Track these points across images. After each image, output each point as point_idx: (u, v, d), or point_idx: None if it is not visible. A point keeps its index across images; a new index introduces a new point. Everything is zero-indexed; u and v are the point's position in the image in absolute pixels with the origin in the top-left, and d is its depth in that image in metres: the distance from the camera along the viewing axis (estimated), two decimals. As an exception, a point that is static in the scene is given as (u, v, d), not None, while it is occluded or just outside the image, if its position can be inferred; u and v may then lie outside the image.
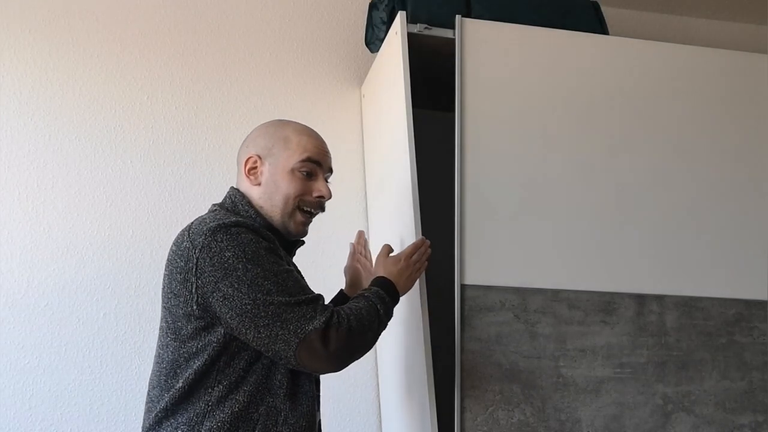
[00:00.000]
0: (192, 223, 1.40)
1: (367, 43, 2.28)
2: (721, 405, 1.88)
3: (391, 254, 1.61)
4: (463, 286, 1.78)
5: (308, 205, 1.49)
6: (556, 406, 1.78)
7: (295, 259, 1.55)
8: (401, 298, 1.62)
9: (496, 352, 1.77)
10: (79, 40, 2.21)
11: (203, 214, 1.48)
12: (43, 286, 2.04)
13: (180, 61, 2.27)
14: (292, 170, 1.47)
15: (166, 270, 1.39)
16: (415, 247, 1.61)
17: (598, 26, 2.18)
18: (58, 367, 2.01)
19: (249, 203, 1.46)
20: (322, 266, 2.20)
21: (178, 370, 1.34)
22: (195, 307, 1.32)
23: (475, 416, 1.72)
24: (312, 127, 1.55)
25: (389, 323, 1.48)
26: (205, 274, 1.31)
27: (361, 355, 1.39)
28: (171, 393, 1.33)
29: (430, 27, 1.95)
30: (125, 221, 2.13)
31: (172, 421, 1.32)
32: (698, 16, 2.82)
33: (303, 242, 1.57)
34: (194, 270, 1.32)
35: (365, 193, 2.30)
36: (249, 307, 1.29)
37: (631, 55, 2.06)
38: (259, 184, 1.47)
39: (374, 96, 2.24)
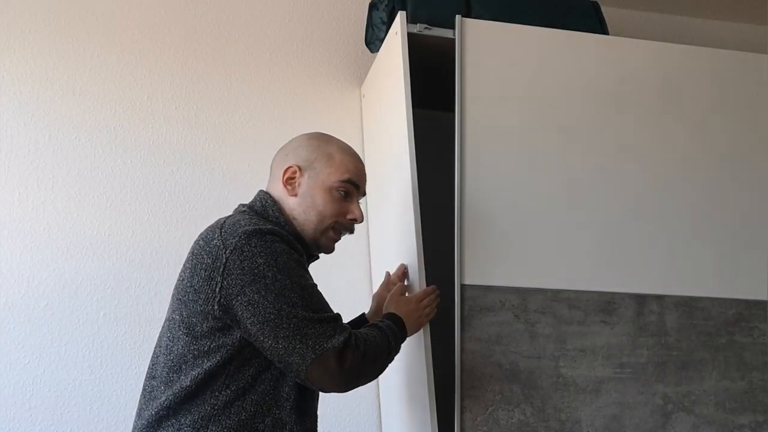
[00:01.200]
0: (224, 222, 1.40)
1: (367, 43, 2.28)
2: (721, 405, 1.88)
3: (404, 295, 1.64)
4: (463, 286, 1.78)
5: (340, 226, 1.51)
6: (556, 406, 1.78)
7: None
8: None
9: (496, 352, 1.77)
10: (79, 40, 2.21)
11: (231, 213, 1.48)
12: (43, 286, 2.04)
13: (180, 61, 2.27)
14: (331, 188, 1.48)
15: (188, 263, 1.39)
16: (426, 294, 1.63)
17: (598, 26, 2.18)
18: (58, 367, 2.01)
19: (280, 210, 1.47)
20: (321, 266, 2.20)
21: (184, 366, 1.33)
22: (216, 307, 1.31)
23: (475, 416, 1.72)
24: (313, 128, 1.55)
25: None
26: (233, 276, 1.31)
27: (367, 382, 1.41)
28: (174, 390, 1.32)
29: (430, 27, 1.95)
30: (125, 221, 2.13)
31: (174, 421, 1.31)
32: (698, 16, 2.82)
33: (318, 257, 1.58)
34: (222, 270, 1.31)
35: (365, 192, 2.30)
36: (272, 316, 1.29)
37: (631, 55, 2.06)
38: (296, 195, 1.48)
39: (374, 96, 2.24)
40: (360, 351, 1.34)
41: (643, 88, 2.04)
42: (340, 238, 1.54)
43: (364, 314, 1.73)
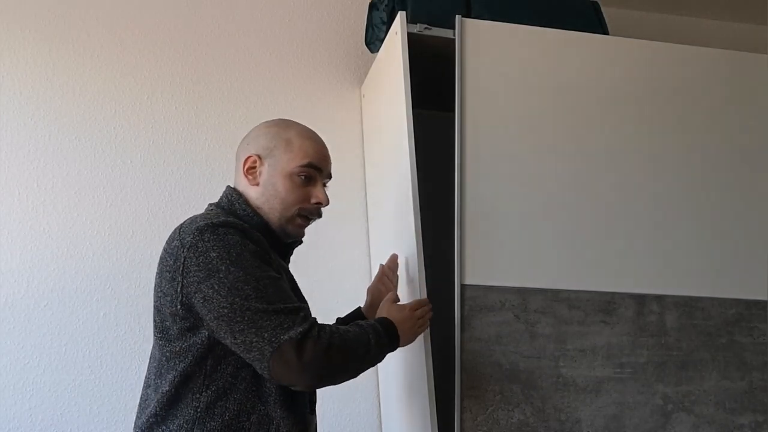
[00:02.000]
0: (184, 221, 1.39)
1: (367, 43, 2.28)
2: (721, 405, 1.88)
3: (392, 300, 1.56)
4: (463, 286, 1.78)
5: (306, 211, 1.48)
6: (556, 406, 1.78)
7: (293, 259, 1.55)
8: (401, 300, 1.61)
9: (496, 352, 1.77)
10: (79, 40, 2.21)
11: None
12: (43, 286, 2.04)
13: (180, 61, 2.27)
14: (291, 174, 1.45)
15: (157, 268, 1.39)
16: (419, 304, 1.57)
17: (598, 26, 2.18)
18: (58, 367, 2.01)
19: (246, 202, 1.45)
20: (321, 267, 2.20)
21: (163, 371, 1.33)
22: (179, 307, 1.30)
23: (475, 416, 1.72)
24: (313, 128, 1.54)
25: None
26: (190, 274, 1.29)
27: (341, 379, 1.35)
28: (159, 395, 1.32)
29: (430, 27, 1.95)
30: (125, 221, 2.13)
31: (164, 428, 1.30)
32: (698, 16, 2.82)
33: (301, 242, 1.55)
34: (181, 269, 1.30)
35: (365, 193, 2.30)
36: (226, 311, 1.26)
37: (631, 55, 2.06)
38: (258, 185, 1.46)
39: (374, 96, 2.24)
40: (322, 342, 1.28)
41: (643, 88, 2.04)
42: (308, 224, 1.50)
43: (359, 308, 1.72)
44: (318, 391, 1.49)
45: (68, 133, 2.14)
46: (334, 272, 2.22)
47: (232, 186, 1.50)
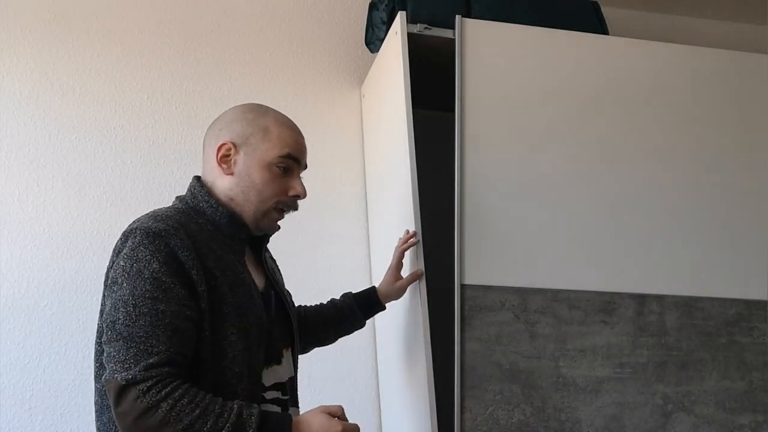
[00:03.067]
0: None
1: (367, 43, 2.28)
2: (721, 405, 1.88)
3: (331, 413, 1.31)
4: (463, 286, 1.78)
5: (283, 204, 1.38)
6: (556, 406, 1.78)
7: (295, 259, 1.54)
8: (401, 300, 1.60)
9: (496, 352, 1.77)
10: (79, 40, 2.20)
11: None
12: (43, 286, 2.04)
13: (180, 61, 2.27)
14: (269, 164, 1.35)
15: None
16: (352, 429, 1.33)
17: (598, 26, 2.18)
18: (58, 367, 2.01)
19: (209, 193, 1.36)
20: (321, 266, 2.20)
21: (95, 381, 1.28)
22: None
23: (475, 416, 1.72)
24: (313, 128, 1.53)
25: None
26: (107, 280, 1.25)
27: None
28: (94, 407, 1.27)
29: (430, 27, 1.95)
30: (125, 221, 2.09)
31: None
32: (698, 16, 2.82)
33: (267, 237, 1.46)
34: (109, 273, 1.26)
35: (365, 193, 2.30)
36: (103, 328, 1.22)
37: (631, 55, 2.06)
38: (232, 174, 1.36)
39: (374, 96, 2.24)
40: (146, 401, 1.12)
41: (643, 88, 2.04)
42: (283, 217, 1.40)
43: (374, 287, 1.69)
44: (317, 390, 1.48)
45: (68, 133, 2.14)
46: (334, 272, 2.21)
47: (197, 176, 1.42)
